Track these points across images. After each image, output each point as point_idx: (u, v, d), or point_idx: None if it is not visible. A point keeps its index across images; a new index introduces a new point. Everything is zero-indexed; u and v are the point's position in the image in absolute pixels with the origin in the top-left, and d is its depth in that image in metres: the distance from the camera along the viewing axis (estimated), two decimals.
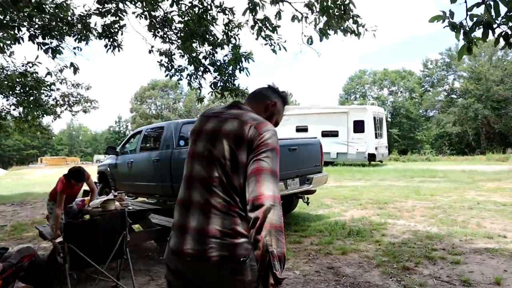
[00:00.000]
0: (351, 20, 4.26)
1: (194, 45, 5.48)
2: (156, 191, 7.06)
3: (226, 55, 5.52)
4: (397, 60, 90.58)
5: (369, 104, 22.02)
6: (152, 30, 5.46)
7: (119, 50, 5.59)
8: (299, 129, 20.53)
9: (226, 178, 1.44)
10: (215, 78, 5.60)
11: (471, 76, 34.51)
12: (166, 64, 5.75)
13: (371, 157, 19.26)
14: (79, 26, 5.25)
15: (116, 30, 5.43)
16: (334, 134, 19.74)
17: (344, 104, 36.01)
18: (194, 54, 5.53)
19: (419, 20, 75.78)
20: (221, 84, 5.57)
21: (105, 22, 5.44)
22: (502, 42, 2.52)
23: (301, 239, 5.30)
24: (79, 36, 5.36)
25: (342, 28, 4.27)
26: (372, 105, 21.52)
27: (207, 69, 5.54)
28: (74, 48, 5.56)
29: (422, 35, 74.06)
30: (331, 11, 4.03)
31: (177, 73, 5.80)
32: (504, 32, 2.45)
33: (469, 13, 2.52)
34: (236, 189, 1.43)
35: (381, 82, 45.99)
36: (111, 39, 5.46)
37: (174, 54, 5.72)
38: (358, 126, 19.34)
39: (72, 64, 5.09)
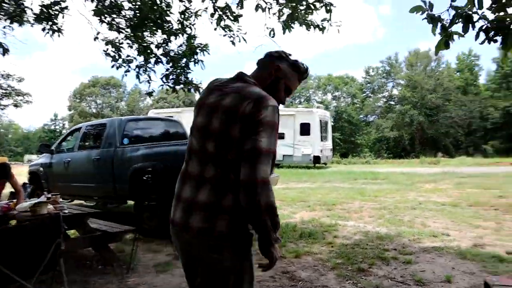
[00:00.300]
0: (323, 9, 4.11)
1: (145, 33, 5.06)
2: (96, 193, 6.55)
3: (180, 46, 5.15)
4: (339, 66, 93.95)
5: (315, 107, 22.47)
6: (99, 16, 4.95)
7: (59, 35, 5.02)
8: None
9: (219, 153, 1.44)
10: (167, 70, 5.21)
11: (408, 84, 36.68)
12: (112, 54, 5.26)
13: (316, 159, 19.63)
14: (12, 3, 4.62)
15: (57, 12, 4.85)
16: (281, 136, 19.82)
17: (289, 107, 36.60)
18: (145, 44, 5.10)
19: (360, 28, 79.20)
20: (174, 77, 5.20)
21: (43, 2, 4.85)
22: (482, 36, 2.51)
23: (252, 242, 5.09)
24: (10, 16, 4.72)
25: (306, 21, 4.13)
26: (318, 108, 21.98)
27: (159, 60, 5.14)
28: (4, 27, 4.91)
29: (363, 43, 77.56)
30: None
31: (124, 64, 5.33)
32: (485, 26, 2.43)
33: (453, 3, 2.47)
34: (229, 163, 1.43)
35: (325, 87, 47.40)
36: (50, 22, 4.86)
37: (122, 43, 5.25)
38: (304, 129, 19.62)
39: (0, 44, 4.46)
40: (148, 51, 5.04)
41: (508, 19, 2.31)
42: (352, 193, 9.59)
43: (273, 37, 4.45)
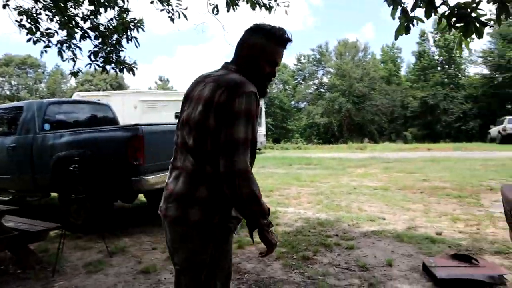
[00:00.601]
0: None
1: (68, 3, 4.41)
2: (11, 186, 5.84)
3: (111, 20, 4.58)
4: None
5: None
6: None
7: None
8: (179, 115, 19.77)
9: (197, 144, 1.44)
10: (95, 46, 4.62)
11: (337, 72, 38.14)
12: (28, 26, 4.52)
13: None
14: None
15: None
16: None
17: None
18: (67, 17, 4.46)
19: (291, 16, 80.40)
20: (103, 55, 4.64)
21: None
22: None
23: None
24: None
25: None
26: None
27: (86, 35, 4.53)
28: None
29: (294, 31, 78.66)
30: None
31: (43, 38, 4.62)
32: (447, 12, 2.39)
33: None
34: (206, 155, 1.43)
35: None
36: None
37: (40, 13, 4.53)
38: None
39: None
40: (73, 24, 4.40)
41: (468, 6, 2.31)
42: (288, 179, 9.67)
43: (216, 14, 4.15)
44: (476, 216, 5.41)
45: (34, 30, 4.52)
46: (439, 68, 37.05)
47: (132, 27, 4.53)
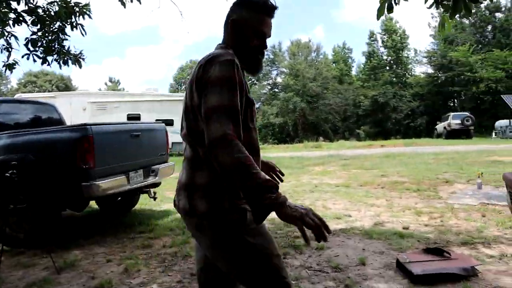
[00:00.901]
0: None
1: None
2: None
3: (51, 3, 4.04)
4: None
5: None
6: None
7: None
8: (131, 117, 19.03)
9: (191, 128, 1.40)
10: (33, 33, 4.06)
11: (291, 72, 38.61)
12: None
13: None
14: None
15: None
16: (169, 123, 18.84)
17: (178, 93, 35.50)
18: None
19: None
20: (44, 43, 4.10)
21: None
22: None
23: (150, 241, 4.49)
24: None
25: None
26: None
27: (21, 18, 3.95)
28: None
29: None
30: None
31: None
32: None
33: None
34: (197, 138, 1.36)
35: None
36: None
37: None
38: None
39: None
40: (4, 5, 3.79)
41: None
42: None
43: None
44: (438, 209, 5.48)
45: None
46: (388, 68, 38.67)
47: (77, 13, 4.04)
